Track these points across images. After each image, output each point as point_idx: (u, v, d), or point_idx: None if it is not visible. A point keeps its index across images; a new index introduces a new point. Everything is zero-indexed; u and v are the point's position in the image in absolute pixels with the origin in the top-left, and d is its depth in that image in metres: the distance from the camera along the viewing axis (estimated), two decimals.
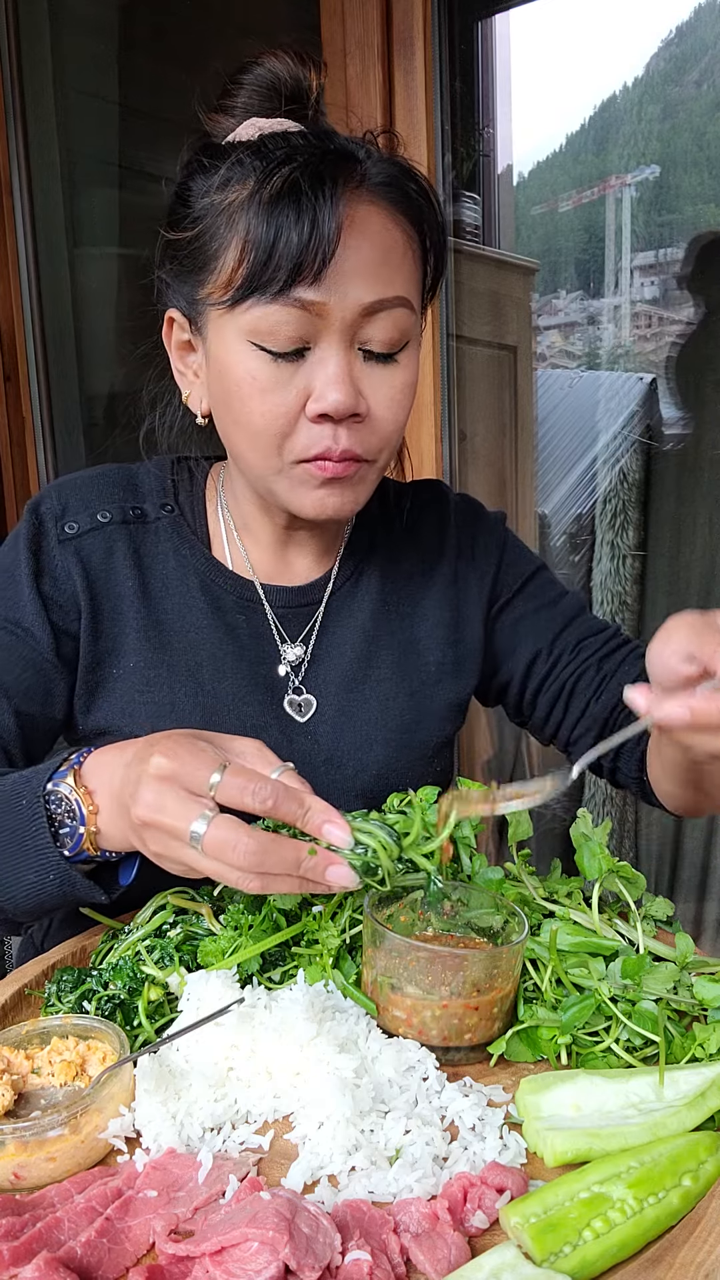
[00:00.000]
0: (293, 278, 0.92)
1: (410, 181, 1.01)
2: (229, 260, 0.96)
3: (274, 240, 0.91)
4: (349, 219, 0.93)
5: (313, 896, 0.93)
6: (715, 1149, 0.70)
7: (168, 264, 1.05)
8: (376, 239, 0.96)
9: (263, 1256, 0.59)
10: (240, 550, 1.16)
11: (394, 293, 0.97)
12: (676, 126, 2.21)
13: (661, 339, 2.38)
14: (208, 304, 0.99)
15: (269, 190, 0.92)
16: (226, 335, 0.98)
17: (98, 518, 1.12)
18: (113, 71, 2.69)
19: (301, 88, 1.01)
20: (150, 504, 1.15)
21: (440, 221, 1.05)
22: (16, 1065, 0.79)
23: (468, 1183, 0.67)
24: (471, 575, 1.24)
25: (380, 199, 0.97)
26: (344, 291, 0.94)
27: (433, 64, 1.95)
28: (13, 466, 2.76)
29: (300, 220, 0.91)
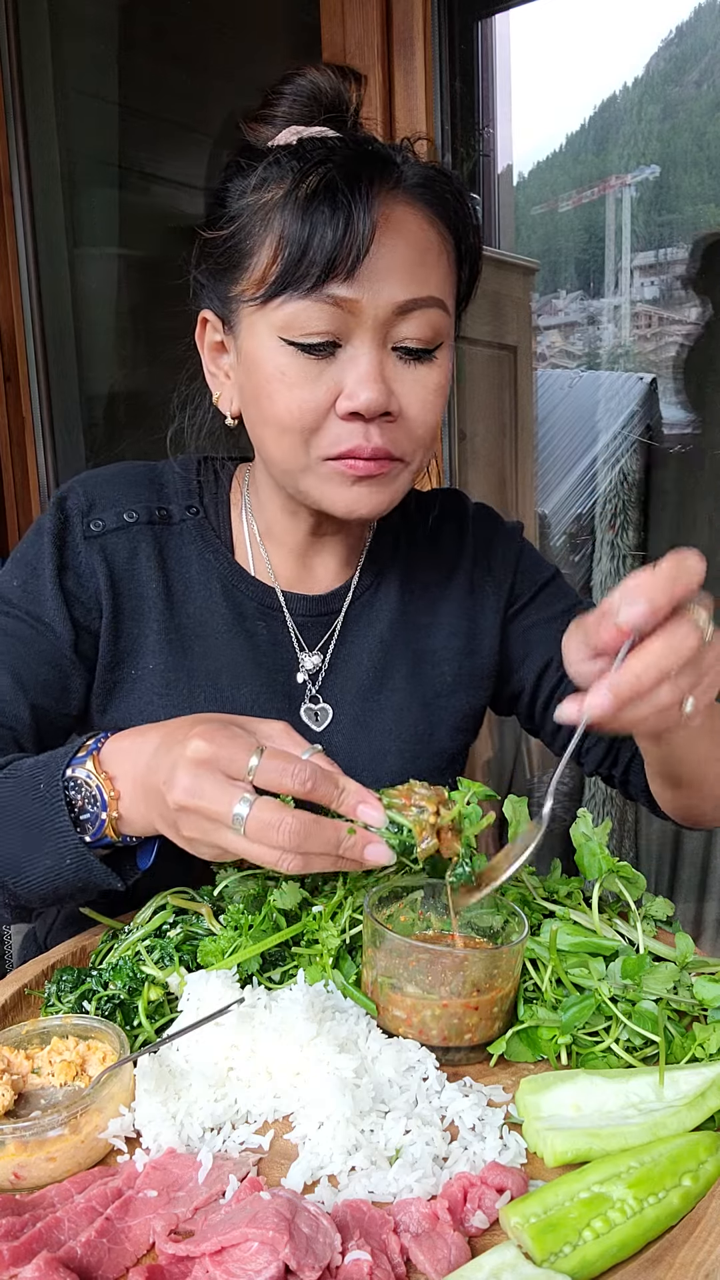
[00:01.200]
0: (326, 274, 0.92)
1: (447, 186, 1.01)
2: (263, 258, 0.96)
3: (309, 237, 0.92)
4: (384, 218, 0.94)
5: (323, 883, 0.93)
6: (715, 1149, 0.70)
7: (203, 263, 1.05)
8: (412, 239, 0.96)
9: (263, 1256, 0.59)
10: (263, 556, 1.16)
11: (428, 292, 0.97)
12: (676, 126, 2.21)
13: (662, 339, 2.38)
14: (241, 301, 1.00)
15: (305, 188, 0.93)
16: (259, 332, 0.98)
17: (124, 517, 1.12)
18: (113, 72, 2.69)
19: (342, 99, 1.02)
20: (175, 505, 1.16)
21: (476, 227, 1.05)
22: (16, 1065, 0.79)
23: (468, 1183, 0.67)
24: (488, 585, 1.24)
25: (416, 200, 0.98)
26: (378, 289, 0.95)
27: (433, 64, 1.95)
28: (13, 467, 2.76)
29: (335, 217, 0.91)
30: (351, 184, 0.92)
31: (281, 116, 1.02)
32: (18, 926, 1.43)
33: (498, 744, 2.56)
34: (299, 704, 1.15)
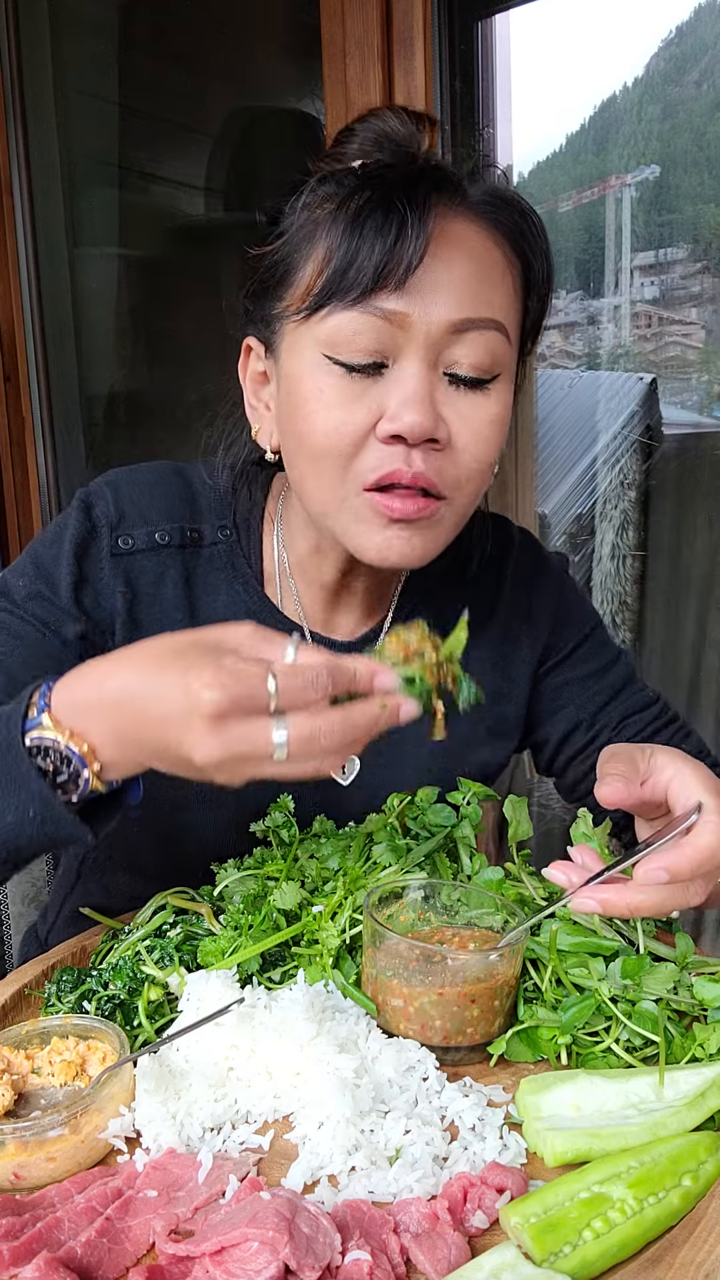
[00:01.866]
0: (375, 283, 0.87)
1: (517, 209, 0.96)
2: (310, 271, 0.92)
3: (358, 245, 0.87)
4: (443, 230, 0.89)
5: (323, 883, 0.93)
6: (715, 1149, 0.70)
7: (251, 284, 1.00)
8: (473, 255, 0.91)
9: (263, 1256, 0.59)
10: (293, 591, 1.10)
11: (487, 314, 0.91)
12: (676, 126, 2.21)
13: (662, 339, 2.37)
14: (285, 319, 0.95)
15: (357, 199, 0.88)
16: (301, 349, 0.93)
17: (156, 538, 1.05)
18: (113, 72, 2.69)
19: (414, 141, 0.97)
20: (208, 524, 1.09)
21: (547, 255, 0.99)
22: (16, 1065, 0.79)
23: (468, 1183, 0.67)
24: (524, 635, 1.18)
25: (481, 218, 0.93)
26: (430, 304, 0.89)
27: (432, 64, 1.95)
28: (13, 467, 2.76)
29: (387, 225, 0.87)
30: (407, 193, 0.88)
31: (351, 154, 0.97)
32: (18, 926, 1.43)
33: None
34: None
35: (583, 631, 1.21)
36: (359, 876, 0.93)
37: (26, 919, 1.42)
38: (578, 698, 1.19)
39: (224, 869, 0.99)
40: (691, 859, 0.79)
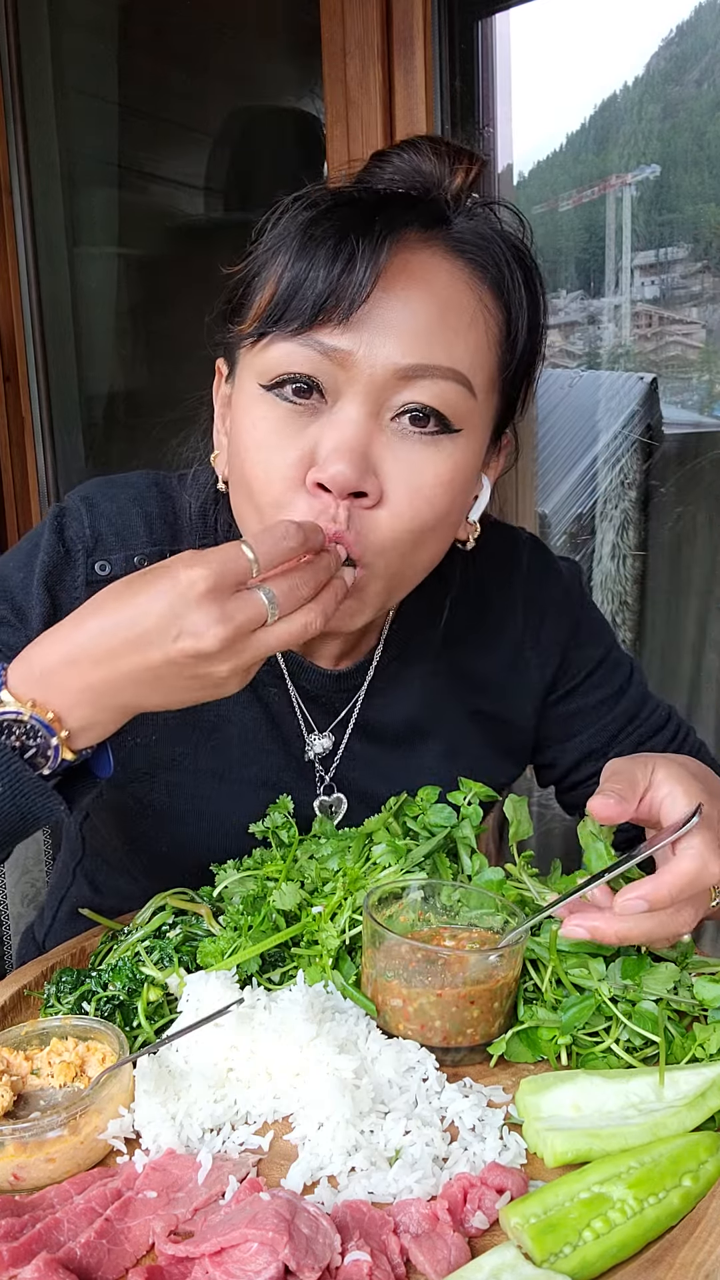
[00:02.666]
0: (315, 315, 0.80)
1: (506, 248, 0.87)
2: (263, 296, 0.86)
3: (305, 273, 0.81)
4: (404, 265, 0.82)
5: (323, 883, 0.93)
6: (715, 1149, 0.69)
7: (221, 304, 0.95)
8: (436, 295, 0.83)
9: (262, 1257, 0.59)
10: None
11: (446, 362, 0.82)
12: (677, 126, 2.20)
13: (662, 339, 2.37)
14: (239, 344, 0.89)
15: (318, 225, 0.82)
16: (245, 382, 0.87)
17: (134, 562, 0.98)
18: (112, 72, 2.69)
19: (440, 181, 0.89)
20: (187, 544, 1.01)
21: (540, 318, 0.91)
22: (16, 1066, 0.78)
23: (467, 1183, 0.67)
24: (533, 660, 1.12)
25: (459, 257, 0.85)
26: (377, 345, 0.81)
27: (433, 63, 1.95)
28: (12, 467, 2.76)
29: (338, 255, 0.80)
30: (366, 223, 0.80)
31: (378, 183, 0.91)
32: (17, 927, 1.43)
33: None
34: (313, 788, 1.06)
35: (596, 657, 1.16)
36: (359, 877, 0.93)
37: (25, 919, 1.42)
38: (590, 727, 1.15)
39: (223, 869, 0.99)
40: (670, 885, 0.78)
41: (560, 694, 1.15)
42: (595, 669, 1.15)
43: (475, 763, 1.10)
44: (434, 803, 0.99)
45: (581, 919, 0.80)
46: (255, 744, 1.04)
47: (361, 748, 1.08)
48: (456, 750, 1.10)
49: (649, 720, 1.18)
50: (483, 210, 0.90)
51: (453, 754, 1.10)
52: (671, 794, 0.84)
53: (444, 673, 1.09)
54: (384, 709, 1.08)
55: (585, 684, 1.15)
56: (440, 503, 0.86)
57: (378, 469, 0.84)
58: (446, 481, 0.86)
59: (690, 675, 2.37)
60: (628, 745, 1.16)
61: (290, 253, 0.83)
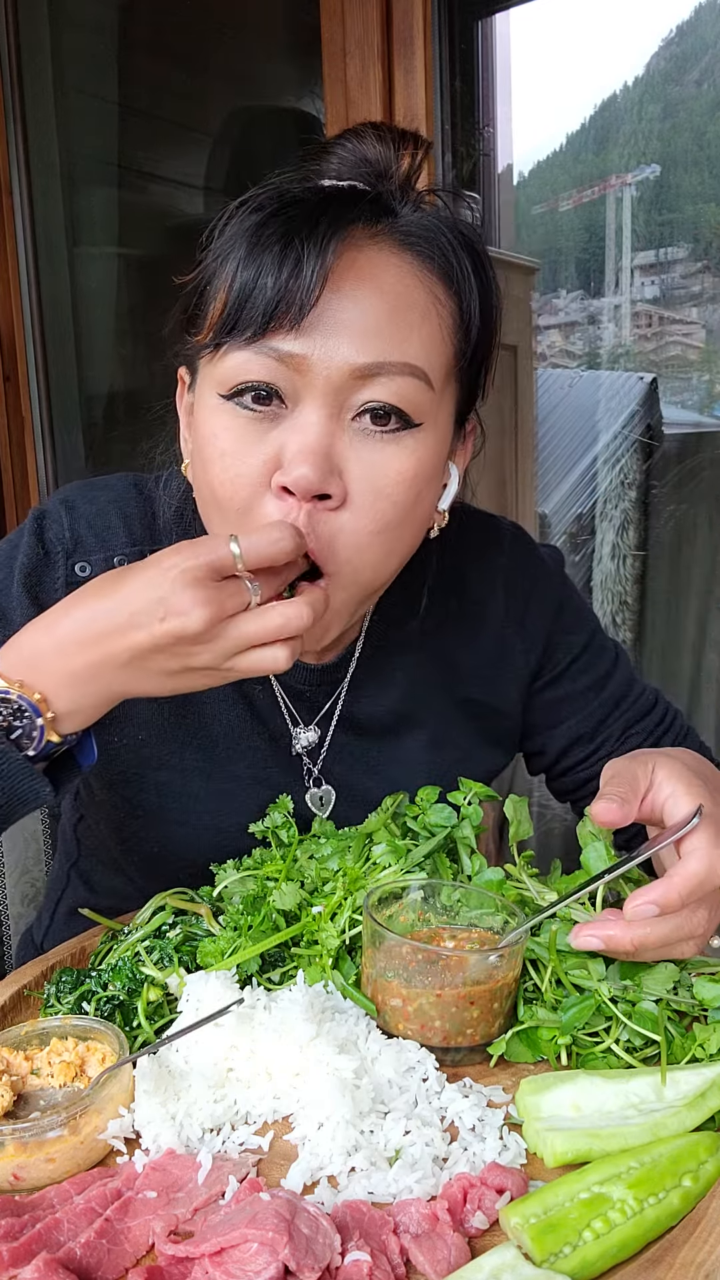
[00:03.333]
0: (268, 322, 0.80)
1: (453, 236, 0.87)
2: (217, 304, 0.85)
3: (254, 280, 0.80)
4: (352, 264, 0.81)
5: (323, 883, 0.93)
6: (715, 1149, 0.69)
7: (178, 313, 0.94)
8: (386, 292, 0.83)
9: (262, 1257, 0.59)
10: None
11: (401, 358, 0.82)
12: (677, 126, 2.21)
13: (662, 339, 2.37)
14: (197, 355, 0.89)
15: (265, 229, 0.81)
16: (205, 392, 0.87)
17: (115, 563, 0.99)
18: (112, 72, 2.69)
19: (388, 167, 0.89)
20: (166, 544, 0.97)
21: (490, 295, 0.90)
22: (16, 1066, 0.78)
23: (467, 1183, 0.67)
24: (518, 647, 1.12)
25: (406, 250, 0.85)
26: (332, 347, 0.81)
27: (433, 63, 1.95)
28: (12, 467, 2.76)
29: (284, 258, 0.79)
30: (311, 224, 0.80)
31: (327, 174, 0.91)
32: (17, 928, 1.43)
33: None
34: (302, 782, 1.06)
35: (581, 642, 1.16)
36: (359, 877, 0.93)
37: (25, 920, 1.42)
38: (578, 712, 1.16)
39: (223, 869, 0.99)
40: (680, 888, 0.78)
41: (546, 680, 1.15)
42: (580, 654, 1.16)
43: (462, 752, 1.11)
44: (434, 803, 0.99)
45: (595, 929, 0.79)
46: (241, 740, 1.05)
47: (347, 740, 1.08)
48: (442, 740, 1.10)
49: (636, 703, 1.18)
50: (428, 199, 0.89)
51: (438, 743, 1.10)
52: (674, 794, 0.84)
53: (427, 662, 1.09)
54: (368, 700, 1.08)
55: (570, 669, 1.15)
56: (404, 500, 0.86)
57: (341, 470, 0.84)
58: (410, 478, 0.86)
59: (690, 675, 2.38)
60: (616, 728, 1.16)
61: (238, 259, 0.82)
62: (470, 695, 1.11)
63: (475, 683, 1.12)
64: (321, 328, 0.81)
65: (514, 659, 1.13)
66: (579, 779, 1.20)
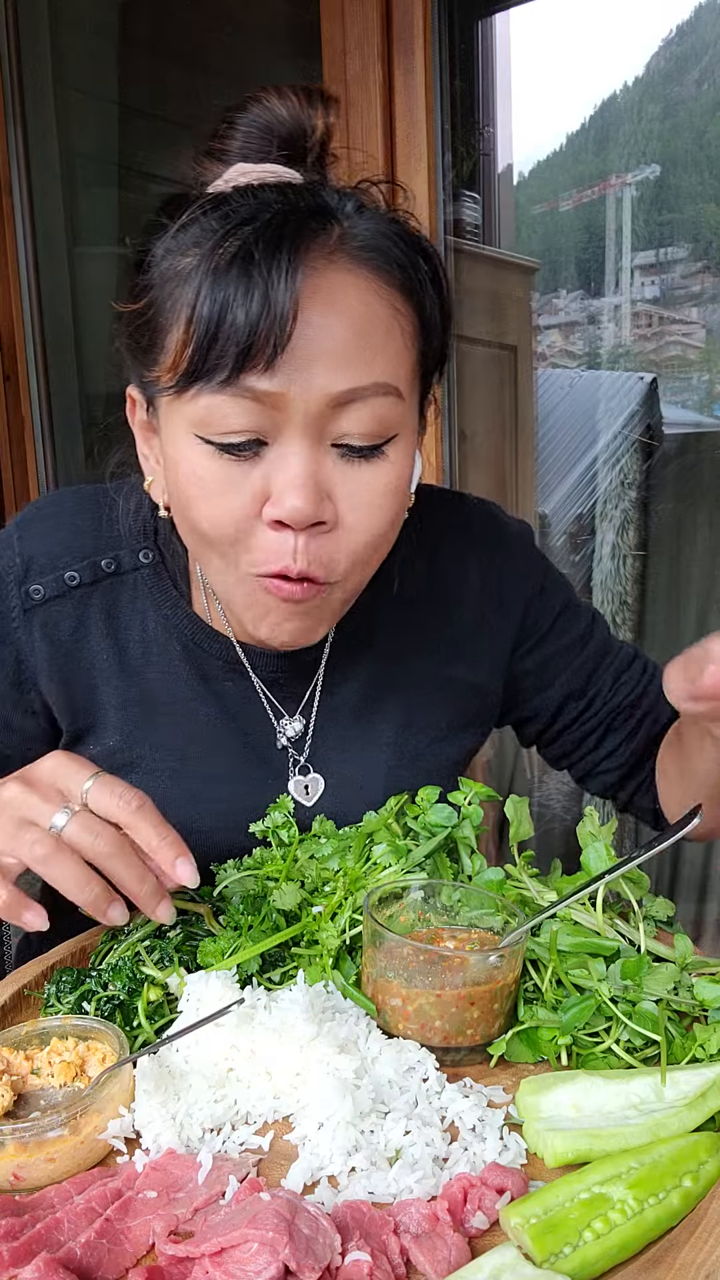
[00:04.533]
0: (241, 363, 0.78)
1: (404, 245, 0.86)
2: (176, 340, 0.82)
3: (220, 317, 0.77)
4: (315, 291, 0.79)
5: (323, 883, 0.93)
6: (716, 1150, 0.69)
7: (123, 338, 0.91)
8: (352, 315, 0.81)
9: (262, 1257, 0.59)
10: (219, 607, 1.03)
11: (373, 379, 0.82)
12: (677, 126, 2.21)
13: (662, 338, 2.37)
14: (157, 389, 0.86)
15: (219, 256, 0.78)
16: (175, 427, 0.85)
17: (65, 579, 0.99)
18: (112, 71, 2.69)
19: (302, 129, 0.88)
20: (126, 550, 1.02)
21: (444, 294, 0.90)
22: (16, 1066, 0.78)
23: (468, 1184, 0.67)
24: (495, 621, 1.12)
25: (362, 266, 0.83)
26: (306, 379, 0.80)
27: (433, 63, 1.95)
28: (12, 466, 2.76)
29: (250, 294, 0.77)
30: (271, 252, 0.77)
31: (235, 152, 0.89)
32: (16, 928, 1.43)
33: (498, 744, 2.56)
34: (284, 774, 1.06)
35: (557, 607, 1.16)
36: (359, 877, 0.93)
37: None
38: (566, 669, 1.16)
39: (224, 869, 0.99)
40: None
41: (529, 646, 1.15)
42: (558, 617, 1.16)
43: (438, 731, 1.10)
44: (434, 803, 0.99)
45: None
46: (211, 739, 1.04)
47: (328, 726, 1.08)
48: (415, 721, 1.10)
49: (619, 656, 1.19)
50: (368, 200, 0.87)
51: (413, 724, 1.09)
52: None
53: (401, 643, 1.09)
54: (343, 685, 1.08)
55: (552, 631, 1.16)
56: (392, 509, 0.88)
57: (330, 493, 0.85)
58: (394, 489, 0.88)
59: None
60: (606, 679, 1.17)
61: (195, 292, 0.79)
62: (446, 674, 1.11)
63: (451, 660, 1.11)
64: (294, 360, 0.79)
65: (491, 633, 1.12)
66: (576, 737, 1.19)
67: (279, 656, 1.04)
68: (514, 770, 2.60)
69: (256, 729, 1.06)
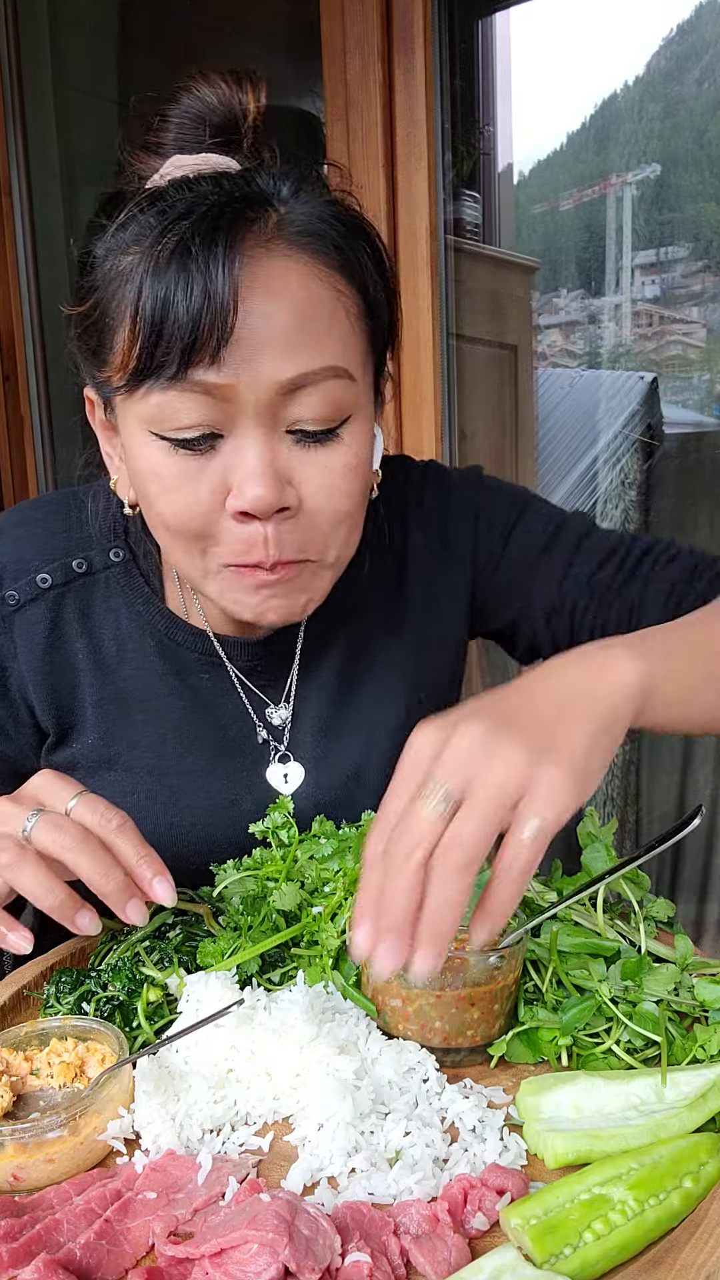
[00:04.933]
0: (187, 358, 0.78)
1: (341, 225, 0.85)
2: (123, 339, 0.82)
3: (162, 315, 0.78)
4: (254, 280, 0.79)
5: (322, 884, 0.93)
6: (716, 1150, 0.69)
7: (73, 340, 0.91)
8: (293, 301, 0.81)
9: (262, 1258, 0.59)
10: (195, 601, 1.04)
11: (322, 363, 0.83)
12: (677, 125, 2.20)
13: (663, 338, 2.37)
14: (110, 390, 0.87)
15: (158, 253, 0.78)
16: (131, 425, 0.86)
17: (38, 582, 1.00)
18: (112, 71, 2.69)
19: (233, 114, 0.88)
20: (97, 550, 1.03)
21: (388, 270, 0.91)
22: (15, 1067, 0.78)
23: (468, 1184, 0.67)
24: (451, 568, 1.10)
25: (300, 250, 0.83)
26: (254, 369, 0.80)
27: (433, 62, 1.95)
28: (11, 467, 2.76)
29: (190, 288, 0.77)
30: (208, 243, 0.77)
31: (170, 144, 0.89)
32: None
33: None
34: (263, 765, 1.05)
35: (509, 518, 1.11)
36: (359, 877, 0.93)
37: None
38: (539, 576, 1.09)
39: (223, 869, 0.99)
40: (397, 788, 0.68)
41: (489, 569, 1.11)
42: (513, 527, 1.11)
43: (416, 699, 1.09)
44: None
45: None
46: (189, 734, 1.04)
47: (309, 710, 1.07)
48: (393, 693, 1.09)
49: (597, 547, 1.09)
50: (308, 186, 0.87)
51: (389, 696, 1.08)
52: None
53: (372, 618, 1.09)
54: (321, 667, 1.07)
55: (510, 545, 1.11)
56: (356, 485, 0.89)
57: (291, 478, 0.85)
58: (355, 466, 0.88)
59: None
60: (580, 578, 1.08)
61: (138, 290, 0.79)
62: (417, 638, 1.10)
63: (416, 623, 1.10)
64: (240, 351, 0.79)
65: (447, 583, 1.11)
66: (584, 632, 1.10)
67: (255, 644, 1.04)
68: None
69: (235, 722, 1.06)
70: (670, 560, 1.08)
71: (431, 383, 2.08)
